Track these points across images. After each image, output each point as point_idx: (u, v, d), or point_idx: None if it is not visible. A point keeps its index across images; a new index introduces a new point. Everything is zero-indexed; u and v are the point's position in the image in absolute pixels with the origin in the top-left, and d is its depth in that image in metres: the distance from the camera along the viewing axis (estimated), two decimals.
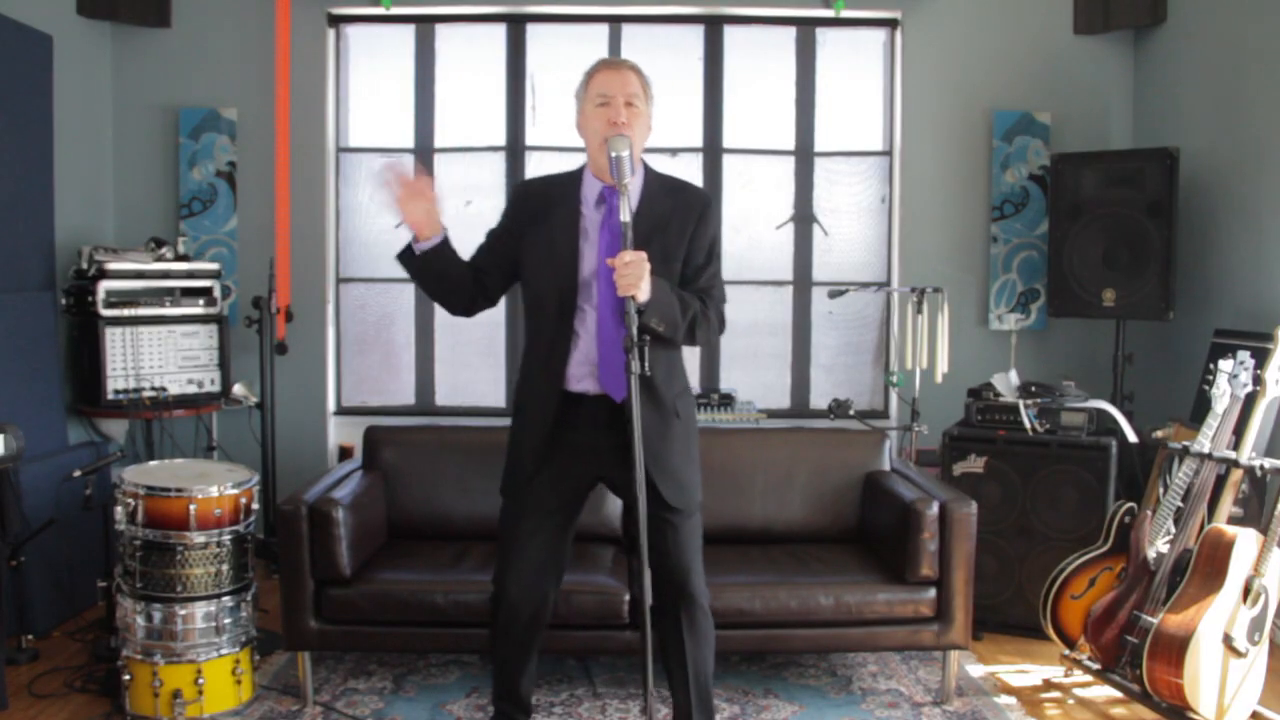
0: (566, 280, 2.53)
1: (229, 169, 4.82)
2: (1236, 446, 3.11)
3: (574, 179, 2.62)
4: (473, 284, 2.63)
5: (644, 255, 2.35)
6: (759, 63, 4.98)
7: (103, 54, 4.75)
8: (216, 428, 4.70)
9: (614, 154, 2.37)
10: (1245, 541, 2.96)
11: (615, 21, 4.94)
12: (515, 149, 4.96)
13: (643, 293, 2.34)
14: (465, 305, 2.67)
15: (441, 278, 2.61)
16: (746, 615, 3.13)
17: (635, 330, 2.30)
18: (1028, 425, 3.80)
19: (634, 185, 2.52)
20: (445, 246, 2.57)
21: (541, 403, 2.58)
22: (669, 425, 2.55)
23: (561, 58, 4.93)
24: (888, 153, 4.99)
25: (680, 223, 2.55)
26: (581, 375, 2.54)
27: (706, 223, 2.59)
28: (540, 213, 2.59)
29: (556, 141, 4.93)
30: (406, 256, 2.58)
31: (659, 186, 2.60)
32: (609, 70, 2.55)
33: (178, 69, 4.80)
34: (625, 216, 2.36)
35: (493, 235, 2.69)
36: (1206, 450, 3.14)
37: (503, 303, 2.91)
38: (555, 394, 2.55)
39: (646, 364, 2.29)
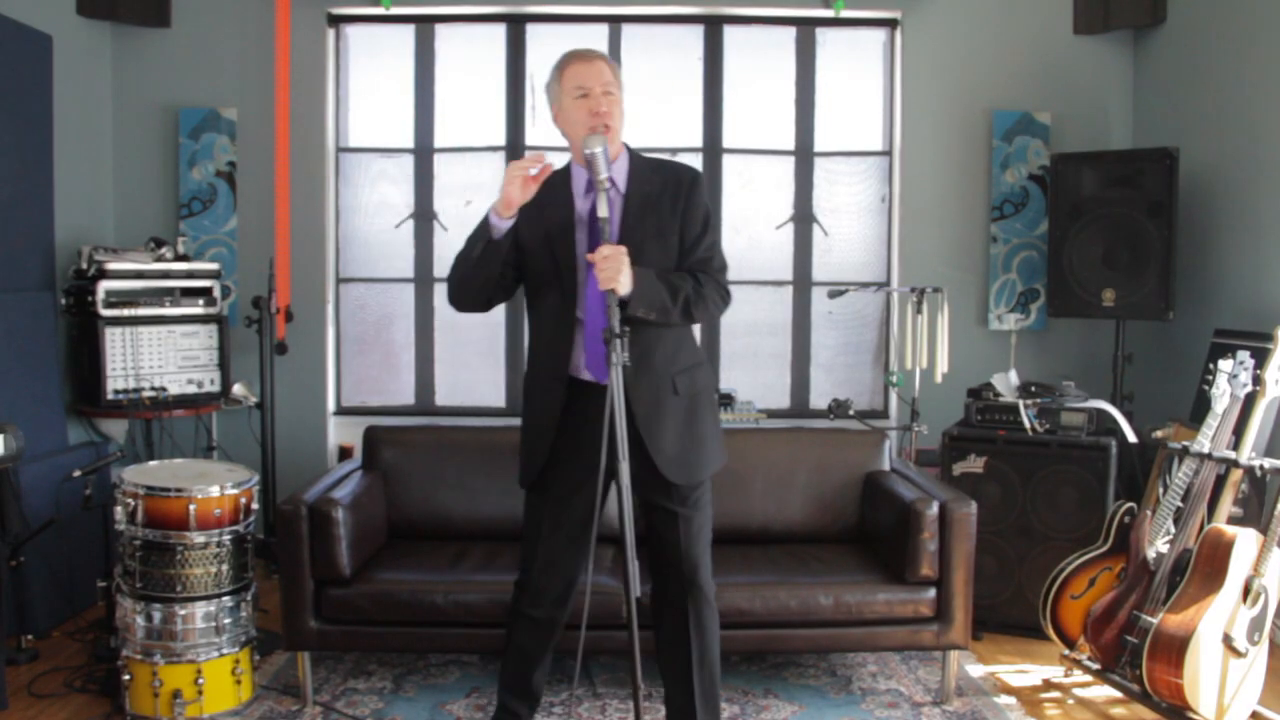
0: (566, 267, 2.56)
1: (229, 169, 4.82)
2: (1236, 446, 3.11)
3: (562, 172, 2.67)
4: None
5: (623, 249, 2.37)
6: (759, 63, 4.98)
7: (103, 54, 4.75)
8: (216, 428, 4.70)
9: (589, 151, 2.39)
10: (1245, 541, 2.96)
11: (615, 21, 4.94)
12: (515, 149, 4.96)
13: (623, 285, 2.36)
14: (489, 296, 2.64)
15: (501, 262, 2.56)
16: (746, 615, 3.13)
17: (616, 323, 2.30)
18: (1028, 425, 3.80)
19: (620, 168, 2.60)
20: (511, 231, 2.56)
21: (548, 389, 2.60)
22: (663, 402, 2.55)
23: None
24: (887, 153, 4.99)
25: (671, 197, 2.60)
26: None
27: (696, 193, 2.63)
28: (534, 206, 2.60)
29: (557, 141, 4.87)
30: (483, 232, 2.53)
31: (645, 166, 2.65)
32: (581, 62, 2.58)
33: (178, 69, 4.80)
34: (603, 212, 2.38)
35: None
36: (1206, 450, 3.14)
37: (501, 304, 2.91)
38: (561, 380, 2.58)
39: (627, 355, 2.28)
